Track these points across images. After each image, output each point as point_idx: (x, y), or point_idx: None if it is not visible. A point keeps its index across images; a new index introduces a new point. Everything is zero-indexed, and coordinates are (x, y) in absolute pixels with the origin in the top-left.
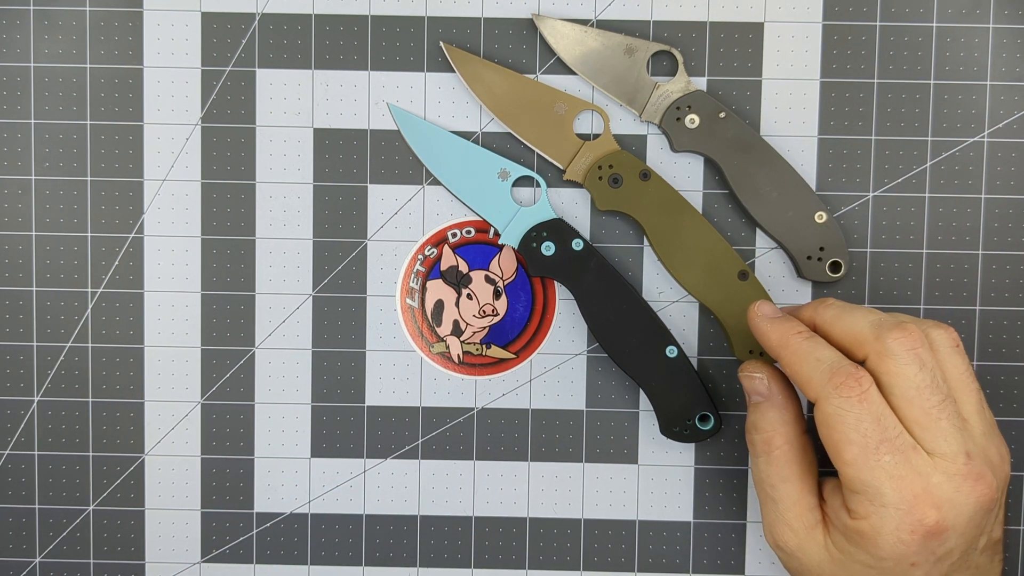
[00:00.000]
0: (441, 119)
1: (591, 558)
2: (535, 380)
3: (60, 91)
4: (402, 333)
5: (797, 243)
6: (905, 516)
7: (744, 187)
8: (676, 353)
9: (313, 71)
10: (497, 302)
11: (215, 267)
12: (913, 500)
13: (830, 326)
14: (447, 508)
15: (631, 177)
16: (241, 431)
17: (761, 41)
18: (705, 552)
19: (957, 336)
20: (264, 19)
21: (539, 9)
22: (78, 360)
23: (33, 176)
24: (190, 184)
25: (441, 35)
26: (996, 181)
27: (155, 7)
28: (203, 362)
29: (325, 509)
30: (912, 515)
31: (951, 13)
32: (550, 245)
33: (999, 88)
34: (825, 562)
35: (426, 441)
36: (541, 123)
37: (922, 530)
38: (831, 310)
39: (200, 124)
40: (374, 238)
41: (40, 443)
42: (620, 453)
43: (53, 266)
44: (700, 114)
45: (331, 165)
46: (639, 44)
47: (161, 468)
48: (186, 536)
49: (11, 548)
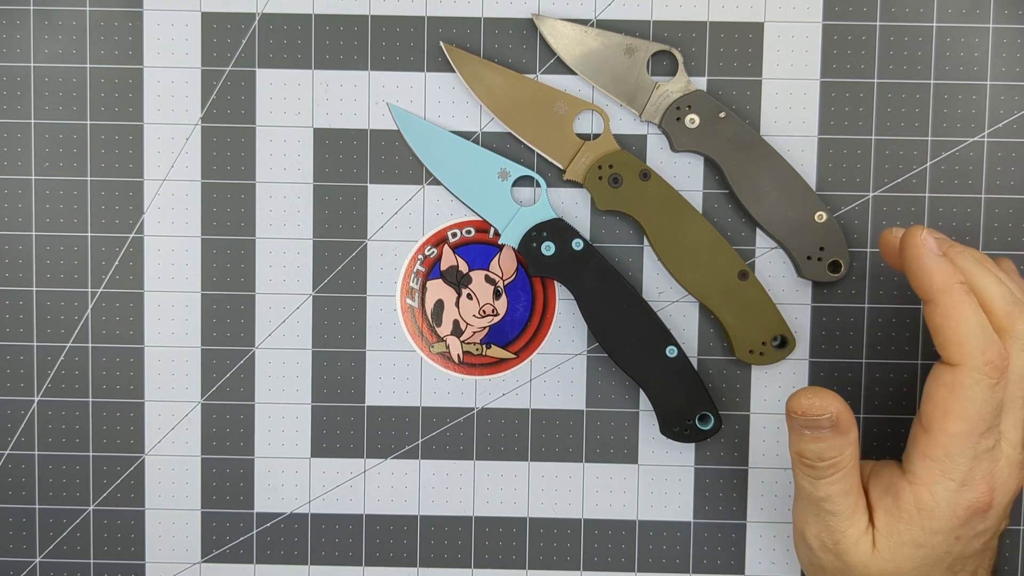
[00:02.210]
0: (441, 119)
1: (591, 558)
2: (535, 380)
3: (60, 91)
4: (402, 333)
5: (797, 243)
6: (968, 492)
7: (744, 187)
8: (676, 353)
9: (313, 71)
10: (497, 302)
11: (215, 267)
12: (980, 480)
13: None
14: (447, 508)
15: (631, 177)
16: (241, 431)
17: (761, 41)
18: (705, 552)
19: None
20: (264, 19)
21: (539, 9)
22: (78, 360)
23: (33, 176)
24: (190, 184)
25: (441, 35)
26: (996, 181)
27: (155, 7)
28: (203, 362)
29: (325, 509)
30: (973, 492)
31: (951, 13)
32: (550, 245)
33: (999, 88)
34: (871, 558)
35: (426, 441)
36: (541, 123)
37: (976, 507)
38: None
39: (200, 124)
40: (374, 238)
41: (40, 443)
42: (620, 453)
43: (53, 266)
44: (700, 114)
45: (331, 165)
46: (639, 44)
47: (161, 468)
48: (186, 536)
49: (11, 548)
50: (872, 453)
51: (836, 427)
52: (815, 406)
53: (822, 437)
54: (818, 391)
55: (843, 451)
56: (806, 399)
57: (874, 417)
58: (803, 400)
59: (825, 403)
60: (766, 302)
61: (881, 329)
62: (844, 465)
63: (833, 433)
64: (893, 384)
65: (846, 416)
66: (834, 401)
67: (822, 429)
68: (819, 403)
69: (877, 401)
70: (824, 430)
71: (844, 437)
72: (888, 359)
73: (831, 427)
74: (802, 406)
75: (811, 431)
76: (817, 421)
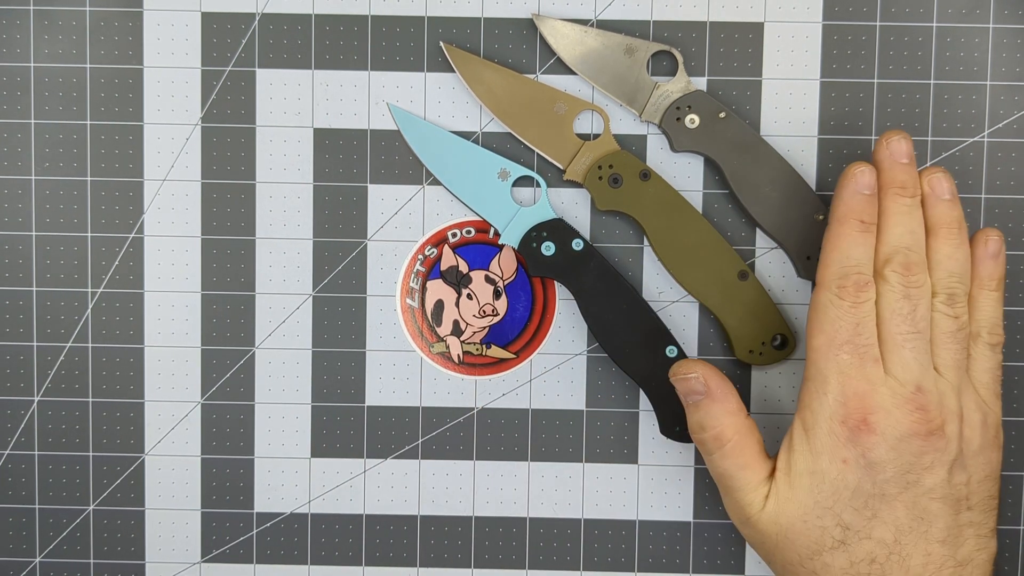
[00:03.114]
0: (441, 119)
1: (591, 558)
2: (535, 380)
3: (60, 91)
4: (402, 333)
5: (797, 243)
6: (840, 407)
7: (744, 187)
8: (676, 353)
9: (313, 71)
10: (497, 302)
11: (215, 267)
12: (852, 396)
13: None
14: (447, 508)
15: (631, 177)
16: (241, 431)
17: (761, 41)
18: (705, 552)
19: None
20: (264, 19)
21: (539, 9)
22: (78, 360)
23: (33, 176)
24: (190, 184)
25: (441, 35)
26: (996, 181)
27: (155, 7)
28: (203, 362)
29: (325, 509)
30: (846, 407)
31: (951, 13)
32: (550, 245)
33: (999, 88)
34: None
35: (426, 441)
36: (541, 123)
37: (851, 423)
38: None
39: (200, 124)
40: (374, 238)
41: (40, 443)
42: (620, 453)
43: (53, 266)
44: (700, 114)
45: (331, 165)
46: (639, 44)
47: (161, 468)
48: (186, 536)
49: (11, 548)
50: None
51: (710, 394)
52: (683, 367)
53: (699, 405)
54: (693, 361)
55: (721, 420)
56: (679, 365)
57: None
58: (677, 367)
59: (693, 366)
60: (766, 302)
61: None
62: (728, 437)
63: (709, 401)
64: None
65: (718, 384)
66: (704, 367)
67: (696, 394)
68: (692, 365)
69: None
70: (698, 396)
71: (720, 405)
72: None
73: (704, 393)
74: (674, 370)
75: (688, 397)
76: (687, 382)
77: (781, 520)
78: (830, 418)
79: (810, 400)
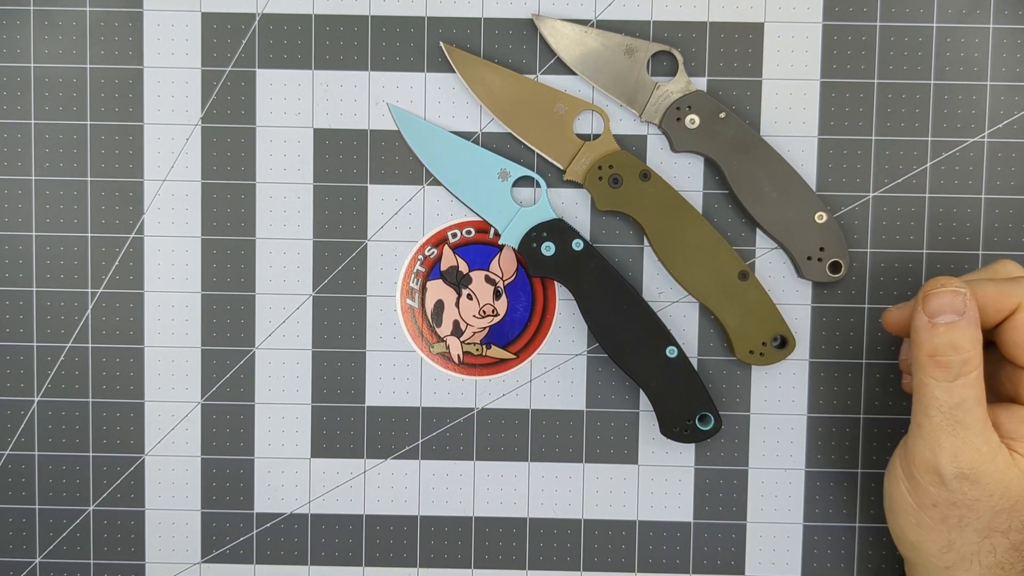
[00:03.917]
0: (441, 119)
1: (591, 558)
2: (535, 380)
3: (60, 91)
4: (402, 333)
5: (797, 243)
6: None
7: (744, 187)
8: (676, 353)
9: (313, 71)
10: (497, 302)
11: (215, 267)
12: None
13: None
14: (447, 508)
15: (631, 177)
16: (241, 431)
17: (761, 41)
18: (705, 552)
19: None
20: (264, 19)
21: (539, 9)
22: (78, 360)
23: (33, 176)
24: (190, 184)
25: (441, 35)
26: (996, 181)
27: (155, 7)
28: (203, 362)
29: (325, 509)
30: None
31: (951, 13)
32: (550, 245)
33: (999, 88)
34: (1014, 479)
35: (426, 441)
36: (541, 123)
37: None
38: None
39: (200, 124)
40: (374, 238)
41: (40, 443)
42: (620, 453)
43: (53, 266)
44: (700, 114)
45: (331, 165)
46: (639, 44)
47: (161, 468)
48: (186, 536)
49: (11, 548)
50: (872, 453)
51: (969, 316)
52: (945, 281)
53: (956, 326)
54: (952, 278)
55: (975, 346)
56: (939, 279)
57: (874, 417)
58: (936, 280)
59: (957, 282)
60: (766, 302)
61: (881, 329)
62: (976, 364)
63: (967, 322)
64: (893, 384)
65: (977, 310)
66: (970, 287)
67: (955, 313)
68: (951, 281)
69: (877, 401)
70: (956, 315)
71: (976, 330)
72: (888, 359)
73: (963, 313)
74: (932, 283)
75: (941, 315)
76: (954, 295)
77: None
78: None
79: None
